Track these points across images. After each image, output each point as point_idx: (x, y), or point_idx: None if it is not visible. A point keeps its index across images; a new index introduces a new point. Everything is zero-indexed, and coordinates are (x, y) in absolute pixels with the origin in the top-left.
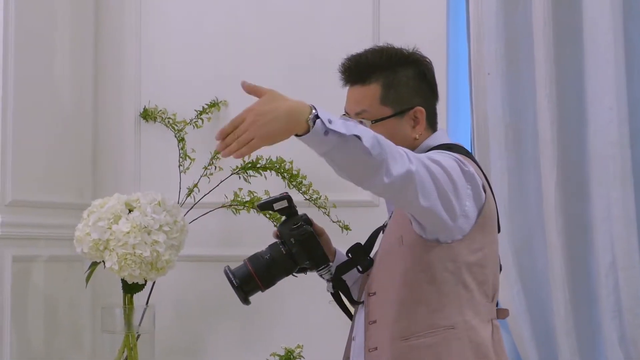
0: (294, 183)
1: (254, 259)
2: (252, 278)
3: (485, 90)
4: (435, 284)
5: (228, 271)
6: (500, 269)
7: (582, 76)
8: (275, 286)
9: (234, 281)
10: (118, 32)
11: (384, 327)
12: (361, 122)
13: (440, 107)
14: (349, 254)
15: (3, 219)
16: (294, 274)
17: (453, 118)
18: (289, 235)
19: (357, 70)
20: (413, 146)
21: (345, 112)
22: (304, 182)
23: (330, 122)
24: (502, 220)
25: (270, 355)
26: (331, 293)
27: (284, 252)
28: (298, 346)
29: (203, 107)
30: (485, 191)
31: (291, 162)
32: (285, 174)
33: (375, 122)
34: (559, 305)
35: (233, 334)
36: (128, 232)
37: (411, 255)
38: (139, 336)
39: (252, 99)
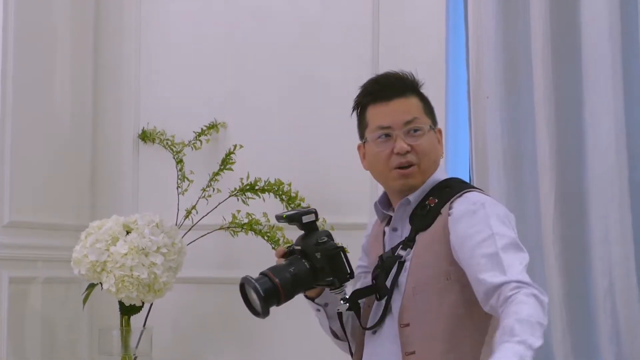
0: (292, 205)
1: (278, 272)
2: (277, 291)
3: (484, 113)
4: (481, 317)
5: (253, 281)
6: None
7: (580, 100)
8: (273, 308)
9: (260, 292)
10: (117, 54)
11: (427, 358)
12: (417, 131)
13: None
14: (374, 280)
15: (0, 240)
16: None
17: (452, 141)
18: (314, 250)
19: (401, 83)
20: (438, 165)
21: (386, 126)
22: (302, 204)
23: None
24: None
25: None
26: (339, 313)
27: (308, 267)
28: None
29: (202, 129)
30: None
31: (290, 185)
32: (284, 196)
33: (431, 127)
34: (556, 329)
35: (231, 356)
36: (126, 254)
37: (461, 291)
38: (135, 358)
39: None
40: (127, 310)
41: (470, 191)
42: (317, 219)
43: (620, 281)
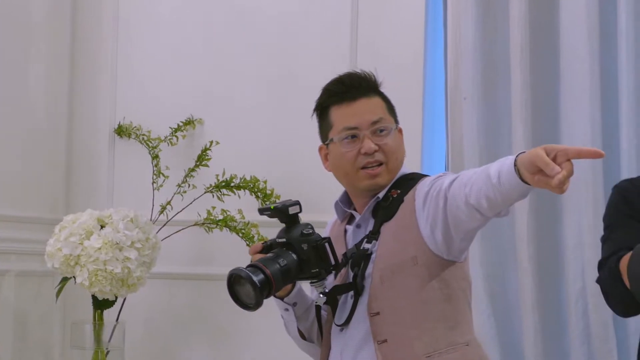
0: (267, 202)
1: (269, 263)
2: (269, 282)
3: (461, 114)
4: (451, 301)
5: (247, 271)
6: None
7: (557, 102)
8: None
9: (256, 283)
10: (94, 48)
11: (400, 345)
12: (383, 131)
13: (416, 130)
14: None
15: None
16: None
17: (428, 141)
18: (300, 241)
19: (365, 83)
20: (403, 161)
21: (353, 127)
22: (277, 202)
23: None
24: (474, 245)
25: None
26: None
27: (295, 258)
28: None
29: (178, 125)
30: None
31: (265, 182)
32: (259, 193)
33: (396, 127)
34: (528, 331)
35: (203, 352)
36: (99, 248)
37: (429, 274)
38: (108, 352)
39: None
40: (100, 305)
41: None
42: (300, 210)
43: (592, 285)
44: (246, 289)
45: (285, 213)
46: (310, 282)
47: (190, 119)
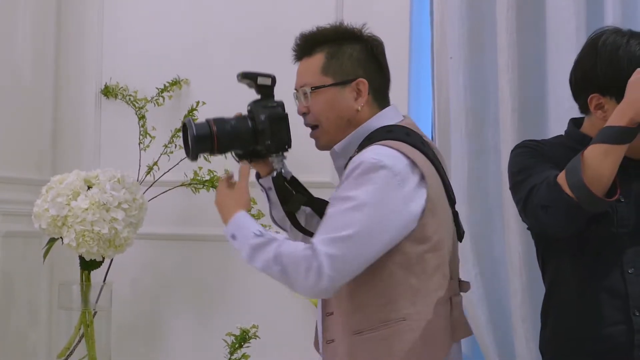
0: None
1: (220, 122)
2: (211, 138)
3: (447, 74)
4: (383, 278)
5: (191, 122)
6: (462, 236)
7: (544, 63)
8: (233, 266)
9: (194, 131)
10: (80, 8)
11: (339, 319)
12: (305, 94)
13: (401, 91)
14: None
15: None
16: (240, 158)
17: (414, 102)
18: (260, 112)
19: (304, 44)
20: (356, 118)
21: (295, 88)
22: None
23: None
24: (459, 204)
25: (226, 335)
26: (273, 179)
27: (250, 126)
28: (253, 326)
29: (164, 85)
30: (425, 179)
31: None
32: None
33: (315, 89)
34: (515, 290)
35: (189, 313)
36: (86, 209)
37: None
38: (95, 313)
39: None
40: (87, 265)
41: (371, 146)
42: (273, 84)
43: None
44: (188, 139)
45: (254, 81)
46: (270, 159)
47: (176, 79)
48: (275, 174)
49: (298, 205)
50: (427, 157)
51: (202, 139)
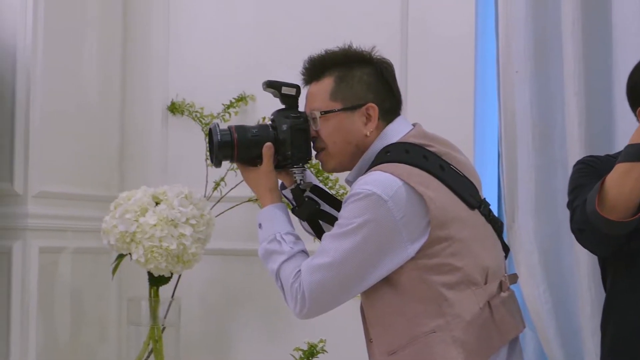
0: (320, 178)
1: (241, 129)
2: (231, 146)
3: (513, 88)
4: (404, 294)
5: (217, 127)
6: (502, 228)
7: (610, 75)
8: None
9: (218, 137)
10: (146, 26)
11: (376, 345)
12: (314, 119)
13: (467, 106)
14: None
15: (30, 210)
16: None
17: (480, 116)
18: (282, 122)
19: (312, 68)
20: (364, 143)
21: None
22: (331, 177)
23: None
24: (528, 218)
25: (294, 350)
26: (292, 191)
27: (271, 135)
28: (321, 341)
29: (230, 101)
30: (424, 197)
31: None
32: (312, 169)
33: (324, 114)
34: (584, 304)
35: (257, 328)
36: (155, 225)
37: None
38: (164, 329)
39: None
40: (156, 281)
41: (369, 173)
42: (297, 94)
43: None
44: (212, 145)
45: (279, 90)
46: (289, 168)
47: (242, 95)
48: (294, 186)
49: (306, 213)
50: (428, 171)
51: (223, 145)
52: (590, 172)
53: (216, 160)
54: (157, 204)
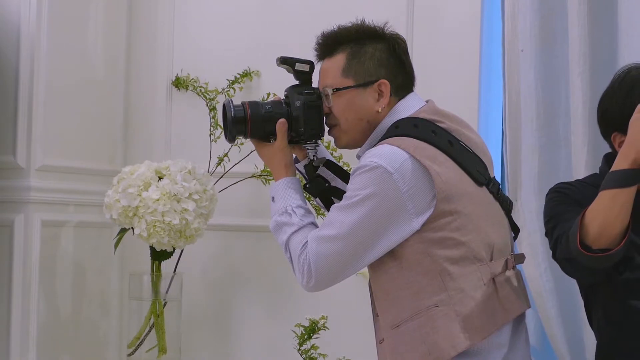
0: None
1: (254, 105)
2: (245, 122)
3: (518, 67)
4: (409, 267)
5: (230, 103)
6: (511, 206)
7: (615, 55)
8: None
9: (232, 113)
10: (151, 0)
11: (382, 318)
12: (327, 95)
13: (472, 83)
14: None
15: (33, 183)
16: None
17: (485, 95)
18: (296, 98)
19: (325, 44)
20: (376, 119)
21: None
22: (335, 154)
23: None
24: (531, 197)
25: (295, 326)
26: (305, 167)
27: (284, 112)
28: (322, 317)
29: (235, 77)
30: (429, 170)
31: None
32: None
33: (336, 90)
34: None
35: (258, 304)
36: (157, 200)
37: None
38: (165, 303)
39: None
40: (158, 256)
41: (376, 147)
42: (311, 71)
43: None
44: (226, 120)
45: (292, 66)
46: (303, 144)
47: (247, 70)
48: (307, 161)
49: (317, 191)
50: (436, 145)
51: (237, 121)
52: (565, 199)
53: (230, 136)
54: (160, 178)
